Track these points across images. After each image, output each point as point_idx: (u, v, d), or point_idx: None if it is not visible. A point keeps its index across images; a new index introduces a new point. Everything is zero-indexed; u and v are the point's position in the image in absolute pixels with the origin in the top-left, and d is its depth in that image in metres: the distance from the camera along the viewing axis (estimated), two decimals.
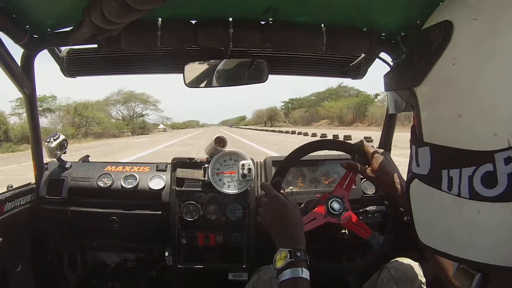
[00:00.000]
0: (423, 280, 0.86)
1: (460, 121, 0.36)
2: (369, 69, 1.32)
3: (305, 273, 0.66)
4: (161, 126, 65.84)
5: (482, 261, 0.35)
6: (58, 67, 1.21)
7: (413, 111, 0.43)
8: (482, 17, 0.35)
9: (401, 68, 0.51)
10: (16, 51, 1.00)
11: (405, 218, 0.84)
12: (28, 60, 1.04)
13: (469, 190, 0.34)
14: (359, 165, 0.95)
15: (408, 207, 0.44)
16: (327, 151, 1.03)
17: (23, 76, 1.04)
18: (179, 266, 1.22)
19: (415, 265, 0.90)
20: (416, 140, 0.42)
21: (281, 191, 0.88)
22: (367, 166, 0.93)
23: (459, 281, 0.44)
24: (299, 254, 0.68)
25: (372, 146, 0.96)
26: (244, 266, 1.22)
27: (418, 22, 0.87)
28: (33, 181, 1.24)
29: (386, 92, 0.59)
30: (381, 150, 0.93)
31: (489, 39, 0.34)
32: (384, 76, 0.52)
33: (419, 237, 0.42)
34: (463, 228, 0.36)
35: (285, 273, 0.66)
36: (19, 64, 1.03)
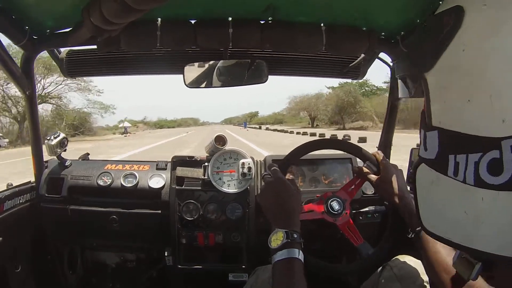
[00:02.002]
0: (426, 278, 0.85)
1: (469, 106, 0.36)
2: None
3: (300, 255, 0.67)
4: (126, 124, 49.56)
5: (484, 250, 0.34)
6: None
7: (424, 96, 0.43)
8: (492, 3, 0.35)
9: (413, 54, 0.51)
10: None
11: (410, 235, 0.86)
12: (28, 61, 1.05)
13: (474, 176, 0.34)
14: (370, 173, 0.97)
15: (414, 192, 0.44)
16: (326, 150, 1.04)
17: (23, 77, 1.05)
18: (179, 266, 1.22)
19: (418, 263, 0.90)
20: (425, 124, 0.42)
21: (289, 176, 0.88)
22: (377, 176, 0.96)
23: (459, 270, 0.43)
24: (296, 236, 0.69)
25: (386, 160, 0.98)
26: (243, 266, 1.22)
27: (418, 21, 0.87)
28: (32, 179, 1.24)
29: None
30: (395, 164, 0.96)
31: (498, 26, 0.34)
32: (395, 62, 0.52)
33: (423, 223, 0.42)
34: (467, 215, 0.36)
35: (281, 253, 0.67)
36: (19, 65, 1.03)
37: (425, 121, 0.43)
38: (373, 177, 0.97)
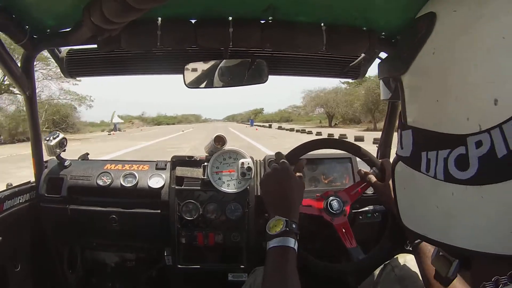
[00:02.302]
0: None
1: (437, 106, 0.38)
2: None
3: (295, 245, 0.68)
4: (116, 119, 43.15)
5: (458, 246, 0.36)
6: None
7: (400, 97, 0.46)
8: (462, 9, 0.37)
9: (392, 58, 0.55)
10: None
11: (408, 247, 0.86)
12: (28, 60, 1.05)
13: (444, 172, 0.36)
14: (374, 179, 0.98)
15: (394, 189, 0.46)
16: (325, 150, 1.05)
17: (23, 77, 1.05)
18: (179, 266, 1.22)
19: None
20: (401, 123, 0.45)
21: (299, 174, 0.89)
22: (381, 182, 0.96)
23: (437, 267, 0.45)
24: (294, 226, 0.69)
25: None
26: (242, 266, 1.22)
27: None
28: (32, 179, 1.24)
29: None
30: None
31: (465, 31, 0.36)
32: (378, 64, 0.57)
33: (402, 219, 0.44)
34: (438, 209, 0.38)
35: (277, 240, 0.67)
36: (19, 65, 1.03)
37: (400, 120, 0.45)
38: (377, 183, 0.97)
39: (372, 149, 1.16)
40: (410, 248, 0.84)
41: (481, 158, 0.32)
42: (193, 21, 0.91)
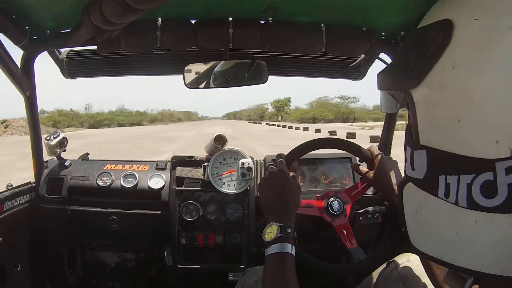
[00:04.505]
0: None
1: (460, 126, 0.34)
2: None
3: (293, 250, 0.67)
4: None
5: (476, 269, 0.34)
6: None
7: (409, 111, 0.41)
8: (485, 18, 0.33)
9: (397, 68, 0.48)
10: (16, 54, 0.92)
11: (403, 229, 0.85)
12: (28, 61, 1.05)
13: (467, 199, 0.33)
14: (363, 168, 0.97)
15: (401, 211, 0.43)
16: (326, 150, 1.05)
17: (23, 78, 1.05)
18: (179, 266, 1.22)
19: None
20: (412, 141, 0.40)
21: (292, 172, 0.89)
22: (371, 170, 0.97)
23: (450, 285, 0.43)
24: (289, 231, 0.69)
25: (380, 153, 0.98)
26: (242, 266, 1.22)
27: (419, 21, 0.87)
28: (32, 179, 1.24)
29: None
30: (389, 157, 0.96)
31: (491, 43, 0.32)
32: (378, 74, 0.49)
33: (412, 242, 0.41)
34: (459, 236, 0.35)
35: (274, 247, 0.67)
36: (19, 66, 1.03)
37: (411, 137, 0.40)
38: (369, 173, 0.97)
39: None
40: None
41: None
42: (193, 21, 0.91)
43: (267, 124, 53.21)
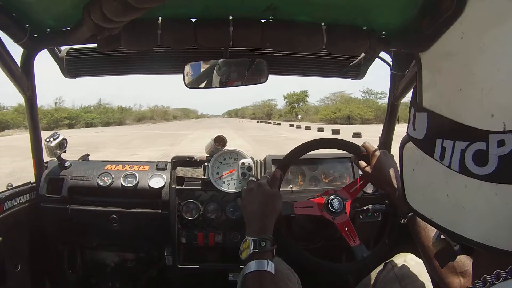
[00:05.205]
0: (427, 277, 0.85)
1: (460, 95, 0.36)
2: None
3: (270, 266, 0.65)
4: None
5: (466, 236, 0.35)
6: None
7: (416, 73, 0.43)
8: None
9: (409, 31, 0.51)
10: (16, 54, 0.97)
11: (402, 220, 0.85)
12: (28, 60, 1.04)
13: (459, 163, 0.35)
14: (362, 162, 0.98)
15: (400, 168, 0.45)
16: (326, 150, 1.05)
17: (23, 77, 1.04)
18: (179, 266, 1.22)
19: (419, 262, 0.89)
20: (416, 103, 0.42)
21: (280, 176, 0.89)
22: (368, 165, 0.96)
23: (437, 250, 0.45)
24: (264, 244, 0.67)
25: (375, 148, 0.99)
26: (242, 266, 1.22)
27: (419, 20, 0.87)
28: (33, 179, 1.24)
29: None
30: (385, 151, 0.96)
31: (501, 21, 0.33)
32: (390, 37, 0.51)
33: (407, 198, 0.43)
34: (449, 198, 0.37)
35: (250, 265, 0.65)
36: (19, 65, 1.03)
37: (415, 99, 0.43)
38: (368, 168, 0.97)
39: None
40: (405, 222, 0.84)
41: (502, 157, 0.31)
42: (193, 20, 0.91)
43: (289, 125, 37.08)
